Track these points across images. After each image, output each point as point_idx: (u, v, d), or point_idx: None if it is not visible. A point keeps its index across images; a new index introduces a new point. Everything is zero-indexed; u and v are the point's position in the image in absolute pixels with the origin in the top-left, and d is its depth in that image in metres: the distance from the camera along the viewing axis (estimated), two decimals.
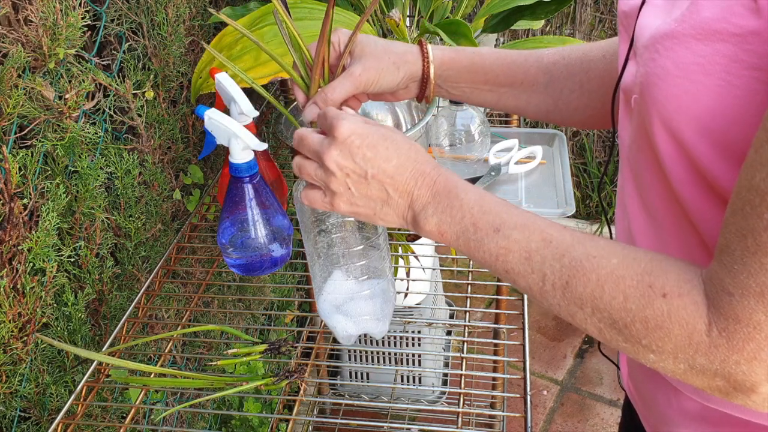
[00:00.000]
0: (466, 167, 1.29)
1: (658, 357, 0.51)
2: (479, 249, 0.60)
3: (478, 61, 0.80)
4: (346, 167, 0.62)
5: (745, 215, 0.46)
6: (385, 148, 0.62)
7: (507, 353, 1.66)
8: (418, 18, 1.41)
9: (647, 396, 0.73)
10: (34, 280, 0.91)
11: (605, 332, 0.54)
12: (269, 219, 0.93)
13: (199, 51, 1.32)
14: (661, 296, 0.50)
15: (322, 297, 0.81)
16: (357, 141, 0.62)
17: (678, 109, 0.51)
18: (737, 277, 0.47)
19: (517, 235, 0.58)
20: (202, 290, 1.09)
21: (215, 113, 0.87)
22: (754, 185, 0.45)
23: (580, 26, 2.42)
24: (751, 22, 0.47)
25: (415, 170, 0.62)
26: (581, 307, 0.54)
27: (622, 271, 0.52)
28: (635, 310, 0.51)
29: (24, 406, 0.97)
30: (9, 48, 0.87)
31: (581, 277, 0.54)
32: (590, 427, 2.00)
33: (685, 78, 0.50)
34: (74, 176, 1.01)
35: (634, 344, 0.52)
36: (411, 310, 1.67)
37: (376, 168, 0.62)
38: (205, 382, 0.88)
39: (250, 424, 1.67)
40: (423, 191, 0.62)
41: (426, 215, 0.62)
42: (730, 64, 0.48)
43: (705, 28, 0.49)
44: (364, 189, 0.63)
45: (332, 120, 0.63)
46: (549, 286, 0.56)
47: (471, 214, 0.60)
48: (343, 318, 0.81)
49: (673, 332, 0.50)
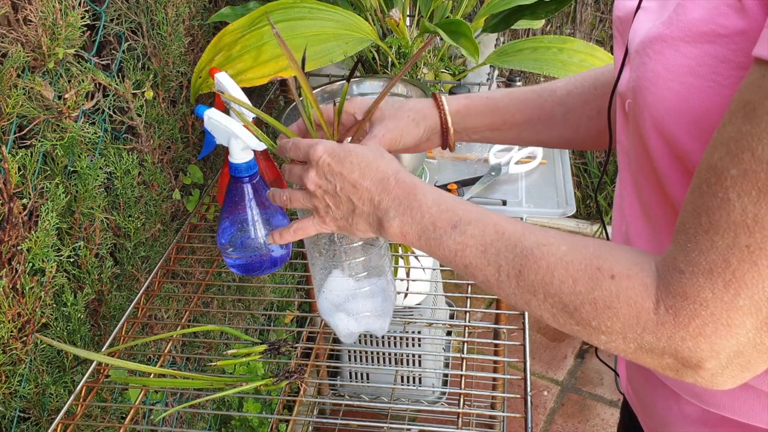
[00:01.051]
0: (467, 167, 1.29)
1: (608, 338, 0.52)
2: (440, 247, 0.62)
3: (492, 105, 0.82)
4: (322, 186, 0.67)
5: (702, 193, 0.47)
6: (350, 162, 0.66)
7: (507, 354, 1.66)
8: (418, 17, 1.41)
9: (646, 400, 0.73)
10: (33, 281, 0.91)
11: (558, 317, 0.55)
12: (269, 219, 0.93)
13: (198, 51, 1.32)
14: (610, 278, 0.52)
15: (323, 295, 0.81)
16: (327, 159, 0.66)
17: (669, 111, 0.52)
18: (689, 255, 0.47)
19: (473, 230, 0.60)
20: (201, 290, 1.09)
21: (215, 113, 0.87)
22: (712, 164, 0.46)
23: (580, 26, 2.42)
24: (737, 22, 0.47)
25: (375, 177, 0.65)
26: (534, 294, 0.56)
27: (570, 257, 0.54)
28: (584, 293, 0.53)
29: (23, 406, 0.96)
30: (8, 48, 0.86)
31: (532, 265, 0.56)
32: (590, 428, 2.00)
33: (675, 80, 0.51)
34: (73, 176, 1.01)
35: (584, 326, 0.53)
36: (411, 311, 1.67)
37: (343, 181, 0.66)
38: (204, 383, 0.87)
39: (250, 424, 1.67)
40: (383, 196, 0.65)
41: (389, 218, 0.64)
42: (719, 65, 0.49)
43: (692, 30, 0.50)
44: (337, 202, 0.67)
45: (306, 148, 0.68)
46: (504, 276, 0.57)
47: (430, 214, 0.63)
48: (345, 316, 0.82)
49: (621, 312, 0.51)
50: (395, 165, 0.67)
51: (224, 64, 1.18)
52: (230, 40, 1.20)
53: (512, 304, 0.58)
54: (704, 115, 0.50)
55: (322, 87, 1.23)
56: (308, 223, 0.71)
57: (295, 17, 1.21)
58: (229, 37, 1.21)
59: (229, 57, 1.18)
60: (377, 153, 0.68)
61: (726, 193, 0.45)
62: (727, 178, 0.45)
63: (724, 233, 0.45)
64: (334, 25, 1.21)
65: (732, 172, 0.44)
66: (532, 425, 0.84)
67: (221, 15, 1.31)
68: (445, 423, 1.84)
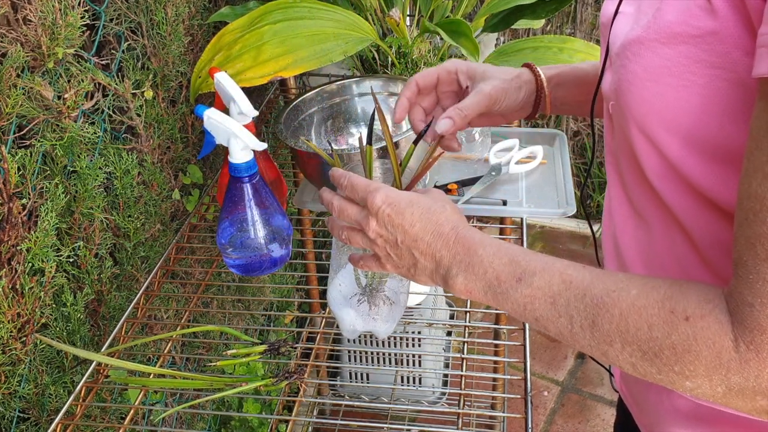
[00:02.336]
0: (467, 167, 1.29)
1: (693, 383, 0.51)
2: (507, 300, 0.60)
3: (582, 76, 0.83)
4: (383, 235, 0.67)
5: (750, 224, 0.46)
6: (410, 214, 0.65)
7: (507, 354, 1.66)
8: (418, 17, 1.41)
9: (639, 396, 0.73)
10: (32, 281, 0.91)
11: (638, 366, 0.53)
12: (268, 219, 0.92)
13: (198, 50, 1.32)
14: (684, 320, 0.50)
15: (335, 286, 0.81)
16: (387, 210, 0.66)
17: (649, 112, 0.53)
18: (753, 286, 0.46)
19: (539, 282, 0.58)
20: (201, 290, 1.09)
21: (214, 113, 0.87)
22: (752, 193, 0.46)
23: (580, 26, 2.42)
24: (708, 23, 0.48)
25: (434, 232, 0.65)
26: (611, 344, 0.54)
27: (642, 301, 0.52)
28: (661, 338, 0.51)
29: (23, 406, 0.96)
30: (8, 47, 0.86)
31: (605, 314, 0.54)
32: (591, 428, 2.00)
33: (653, 81, 0.52)
34: (73, 176, 1.01)
35: (668, 373, 0.52)
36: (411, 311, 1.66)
37: (403, 234, 0.65)
38: (204, 383, 0.87)
39: (250, 424, 1.67)
40: (444, 252, 0.64)
41: (452, 275, 0.63)
42: (693, 65, 0.50)
43: (668, 32, 0.51)
44: (399, 253, 0.67)
45: (364, 193, 0.68)
46: (577, 327, 0.56)
47: (492, 268, 0.61)
48: (353, 312, 0.81)
49: (701, 354, 0.49)
50: (456, 218, 0.66)
51: (224, 64, 1.17)
52: (230, 40, 1.20)
53: (589, 354, 0.57)
54: (681, 114, 0.51)
55: (322, 87, 1.23)
56: (372, 263, 0.71)
57: (295, 17, 1.21)
58: (229, 37, 1.21)
59: (228, 57, 1.18)
60: (438, 205, 0.67)
61: None
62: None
63: None
64: (333, 24, 1.21)
65: None
66: (532, 426, 0.84)
67: (221, 15, 1.31)
68: (445, 423, 1.83)
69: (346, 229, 0.71)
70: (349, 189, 0.69)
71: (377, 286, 0.80)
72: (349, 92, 1.24)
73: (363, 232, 0.69)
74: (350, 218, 0.70)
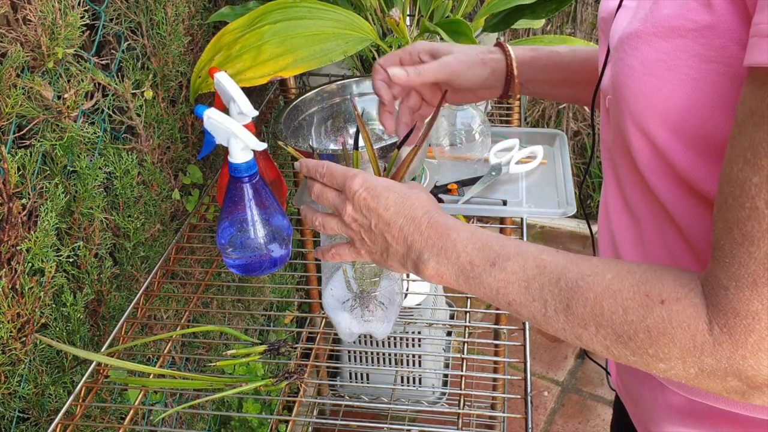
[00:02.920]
0: (467, 167, 1.29)
1: (667, 365, 0.51)
2: (480, 285, 0.60)
3: (556, 59, 0.83)
4: (357, 220, 0.66)
5: (729, 207, 0.47)
6: (386, 198, 0.65)
7: (507, 354, 1.66)
8: (419, 17, 1.41)
9: (634, 393, 0.74)
10: (32, 281, 0.91)
11: (613, 349, 0.54)
12: (268, 219, 0.92)
13: (198, 50, 1.32)
14: (659, 303, 0.51)
15: (329, 291, 0.81)
16: (364, 194, 0.66)
17: (646, 106, 0.53)
18: (729, 269, 0.47)
19: (513, 266, 0.58)
20: (201, 291, 1.09)
21: (214, 113, 0.87)
22: (733, 177, 0.46)
23: (580, 25, 2.42)
24: (705, 17, 0.49)
25: (407, 216, 0.64)
26: (585, 327, 0.54)
27: (617, 285, 0.53)
28: (636, 321, 0.51)
29: (23, 406, 0.96)
30: (8, 47, 0.86)
31: (579, 297, 0.54)
32: (591, 428, 1.99)
33: (650, 75, 0.52)
34: (73, 176, 1.01)
35: (642, 356, 0.52)
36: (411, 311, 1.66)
37: (377, 218, 0.65)
38: (204, 383, 0.87)
39: (250, 425, 1.67)
40: (416, 236, 0.64)
41: (423, 260, 0.63)
42: (690, 59, 0.50)
43: (665, 26, 0.51)
44: (373, 237, 0.66)
45: (342, 178, 0.68)
46: (551, 311, 0.56)
47: (466, 252, 0.61)
48: (348, 315, 0.81)
49: (676, 337, 0.50)
50: (430, 204, 0.66)
51: (224, 64, 1.17)
52: (230, 40, 1.20)
53: (564, 339, 0.57)
54: (678, 108, 0.51)
55: (322, 87, 1.23)
56: (345, 250, 0.71)
57: (295, 17, 1.21)
58: (229, 37, 1.21)
59: (228, 56, 1.18)
60: (414, 192, 0.67)
61: (753, 202, 0.45)
62: (751, 188, 0.45)
63: (759, 242, 0.45)
64: (333, 24, 1.21)
65: (754, 181, 0.45)
66: (532, 426, 0.84)
67: (221, 14, 1.31)
68: (445, 423, 1.83)
69: (320, 215, 0.71)
70: (328, 176, 0.70)
71: (368, 290, 0.80)
72: (349, 92, 1.24)
73: (339, 217, 0.69)
74: (328, 202, 0.70)
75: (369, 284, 0.79)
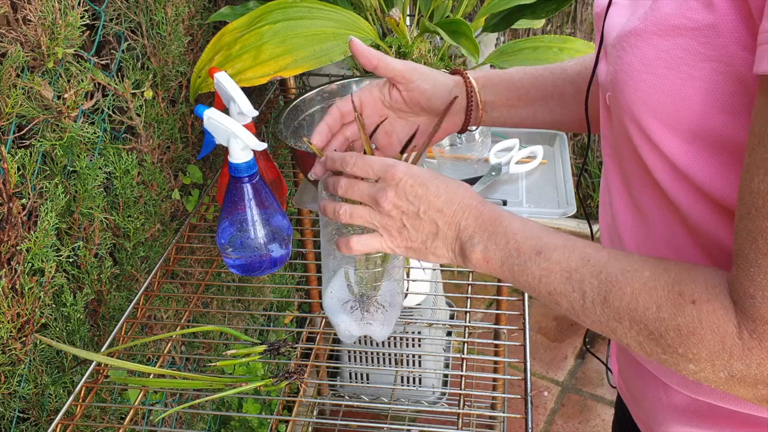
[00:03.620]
0: (467, 167, 1.29)
1: (696, 366, 0.52)
2: (523, 273, 0.61)
3: (508, 79, 0.83)
4: (401, 206, 0.66)
5: (752, 218, 0.47)
6: (435, 186, 0.66)
7: (508, 354, 1.66)
8: (419, 17, 1.41)
9: (637, 393, 0.74)
10: (32, 281, 0.91)
11: (645, 345, 0.54)
12: (268, 219, 0.92)
13: (198, 50, 1.32)
14: (691, 302, 0.51)
15: (329, 292, 0.81)
16: (410, 181, 0.66)
17: (645, 104, 0.54)
18: (755, 279, 0.47)
19: (558, 256, 0.59)
20: (201, 291, 1.09)
21: (214, 113, 0.87)
22: (754, 188, 0.46)
23: (580, 25, 2.42)
24: (706, 16, 0.49)
25: (462, 203, 0.65)
26: (620, 321, 0.55)
27: (653, 282, 0.54)
28: (668, 319, 0.52)
29: (23, 406, 0.96)
30: (8, 47, 0.86)
31: (617, 291, 0.55)
32: (591, 428, 1.99)
33: (650, 73, 0.53)
34: (73, 176, 1.01)
35: (672, 354, 0.53)
36: (411, 311, 1.66)
37: (427, 204, 0.66)
38: (204, 383, 0.87)
39: (250, 425, 1.67)
40: (470, 221, 0.65)
41: (472, 244, 0.64)
42: (689, 57, 0.50)
43: (665, 24, 0.51)
44: (418, 224, 0.66)
45: (385, 166, 0.67)
46: (589, 302, 0.57)
47: (515, 240, 0.62)
48: (347, 318, 0.81)
49: (705, 338, 0.50)
50: (476, 194, 0.67)
51: (224, 64, 1.17)
52: (230, 40, 1.20)
53: (599, 331, 0.58)
54: (678, 106, 0.52)
55: (322, 87, 1.23)
56: (373, 241, 0.69)
57: (295, 17, 1.21)
58: (229, 37, 1.21)
59: (228, 56, 1.18)
60: (458, 182, 0.68)
61: None
62: None
63: None
64: (333, 24, 1.21)
65: None
66: (532, 426, 0.84)
67: (221, 14, 1.31)
68: (445, 424, 1.83)
69: (345, 204, 0.69)
70: (362, 165, 0.69)
71: (369, 293, 0.79)
72: (349, 92, 1.23)
73: (370, 207, 0.68)
74: (360, 193, 0.68)
75: (370, 288, 0.79)
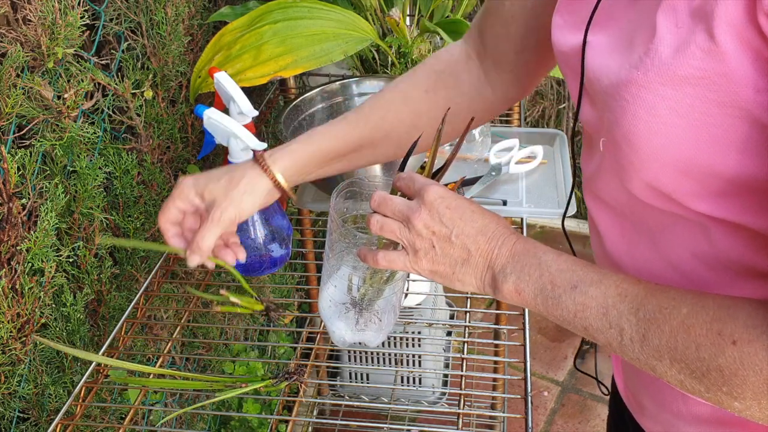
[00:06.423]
0: (467, 167, 1.29)
1: (742, 405, 0.50)
2: (557, 306, 0.60)
3: (314, 150, 0.82)
4: (432, 227, 0.65)
5: None
6: (470, 212, 0.66)
7: (507, 354, 1.66)
8: (418, 17, 1.41)
9: (650, 404, 0.72)
10: (32, 281, 0.91)
11: (687, 383, 0.53)
12: (268, 219, 0.92)
13: (198, 50, 1.32)
14: (731, 343, 0.50)
15: (325, 297, 0.80)
16: (444, 203, 0.65)
17: (655, 151, 0.52)
18: None
19: (594, 291, 0.58)
20: (201, 290, 1.09)
21: (214, 113, 0.87)
22: None
23: None
24: (715, 66, 0.46)
25: (495, 232, 0.65)
26: (660, 359, 0.54)
27: (692, 320, 0.52)
28: (708, 359, 0.51)
29: (23, 406, 0.96)
30: (7, 47, 0.86)
31: (656, 330, 0.54)
32: (591, 428, 1.99)
33: (659, 122, 0.50)
34: (73, 176, 1.01)
35: (715, 393, 0.51)
36: (411, 311, 1.66)
37: (460, 229, 0.65)
38: (204, 384, 0.87)
39: (250, 425, 1.66)
40: (503, 251, 0.64)
41: (504, 274, 0.63)
42: (702, 105, 0.48)
43: (670, 74, 0.49)
44: (448, 249, 0.65)
45: (421, 185, 0.67)
46: (627, 340, 0.56)
47: (549, 273, 0.61)
48: (343, 325, 0.81)
49: (748, 379, 0.49)
50: (509, 224, 0.67)
51: (224, 64, 1.17)
52: (230, 40, 1.20)
53: (638, 367, 0.57)
54: (693, 154, 0.50)
55: (322, 87, 1.23)
56: (399, 259, 0.69)
57: (295, 16, 1.21)
58: (229, 37, 1.21)
59: (228, 56, 1.18)
60: (492, 212, 0.67)
61: None
62: None
63: None
64: (333, 24, 1.21)
65: None
66: (532, 426, 0.84)
67: (221, 14, 1.31)
68: (445, 423, 1.83)
69: (378, 216, 0.69)
70: (407, 179, 0.69)
71: (368, 303, 0.79)
72: (349, 92, 1.24)
73: (403, 223, 0.67)
74: (394, 208, 0.68)
75: (373, 296, 0.78)
